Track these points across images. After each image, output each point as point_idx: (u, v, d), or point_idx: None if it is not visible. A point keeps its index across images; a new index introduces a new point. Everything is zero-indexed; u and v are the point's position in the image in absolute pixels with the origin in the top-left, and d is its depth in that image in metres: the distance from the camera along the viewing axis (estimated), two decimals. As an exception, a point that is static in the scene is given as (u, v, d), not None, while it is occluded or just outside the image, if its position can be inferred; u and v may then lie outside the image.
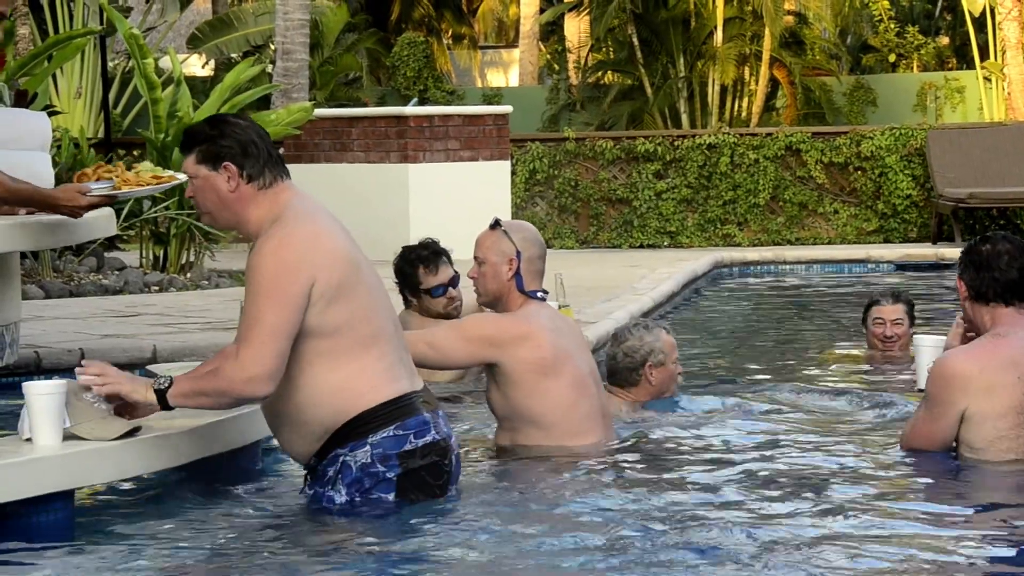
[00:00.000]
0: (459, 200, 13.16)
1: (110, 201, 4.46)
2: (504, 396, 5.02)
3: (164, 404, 4.13)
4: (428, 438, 4.20)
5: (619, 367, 5.77)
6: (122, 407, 4.22)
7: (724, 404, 6.04)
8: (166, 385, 4.12)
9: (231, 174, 4.18)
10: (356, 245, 4.27)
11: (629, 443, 5.29)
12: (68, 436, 4.16)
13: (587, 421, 5.06)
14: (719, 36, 20.23)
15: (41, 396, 4.11)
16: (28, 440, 4.14)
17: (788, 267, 13.81)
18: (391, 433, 4.15)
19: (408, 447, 4.16)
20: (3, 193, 4.45)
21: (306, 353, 4.11)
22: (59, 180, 6.63)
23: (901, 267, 13.52)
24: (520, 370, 4.95)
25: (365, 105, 19.83)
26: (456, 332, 5.03)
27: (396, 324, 4.29)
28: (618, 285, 10.77)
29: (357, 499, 4.16)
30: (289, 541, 4.06)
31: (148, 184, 4.43)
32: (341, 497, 4.18)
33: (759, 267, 13.79)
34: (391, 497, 4.16)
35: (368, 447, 4.14)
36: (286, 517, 4.29)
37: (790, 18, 21.23)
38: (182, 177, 4.41)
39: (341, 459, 4.16)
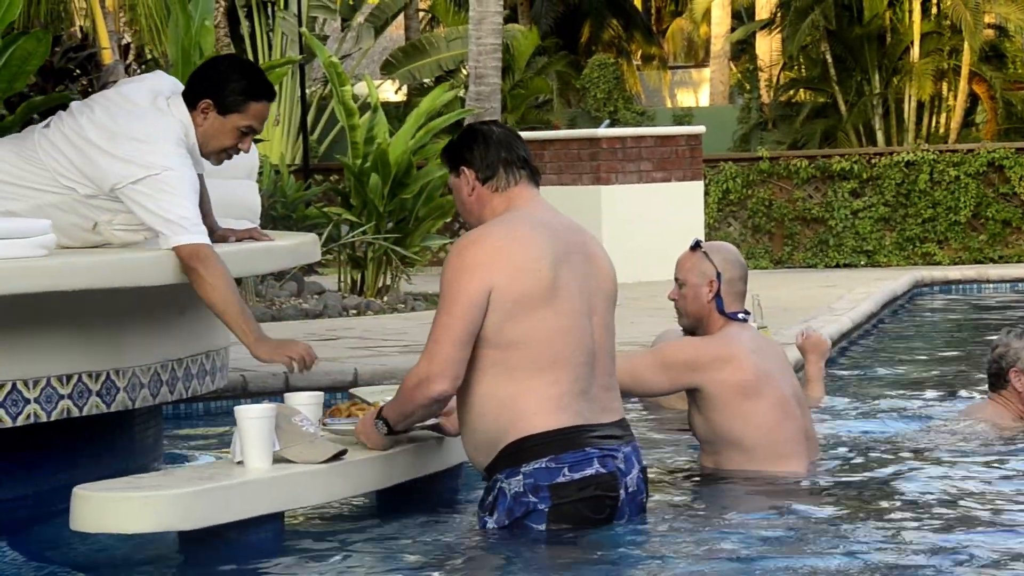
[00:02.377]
0: (652, 221, 13.11)
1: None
2: (706, 419, 4.97)
3: (394, 432, 4.33)
4: (587, 471, 4.09)
5: (989, 372, 5.82)
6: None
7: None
8: (384, 429, 4.30)
9: (468, 177, 4.26)
10: (571, 267, 4.15)
11: (836, 466, 5.18)
12: (278, 459, 4.23)
13: (791, 443, 4.97)
14: (916, 51, 19.84)
15: (252, 420, 4.19)
16: (239, 463, 4.22)
17: (991, 286, 13.45)
18: (543, 465, 4.09)
19: (561, 479, 4.09)
20: (220, 306, 4.42)
21: (481, 360, 4.11)
22: (263, 207, 6.77)
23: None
24: (721, 393, 4.89)
25: (556, 128, 19.92)
26: (655, 360, 4.98)
27: (591, 356, 4.16)
28: (815, 306, 10.60)
29: (508, 526, 4.14)
30: (443, 566, 4.08)
31: None
32: (492, 523, 4.17)
33: (961, 286, 13.46)
34: (542, 528, 4.11)
35: (521, 476, 4.10)
36: (461, 541, 4.30)
37: (990, 31, 20.72)
38: (417, 425, 4.47)
39: (498, 485, 4.15)
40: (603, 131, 13.68)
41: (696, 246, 5.04)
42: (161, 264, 4.62)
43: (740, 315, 5.00)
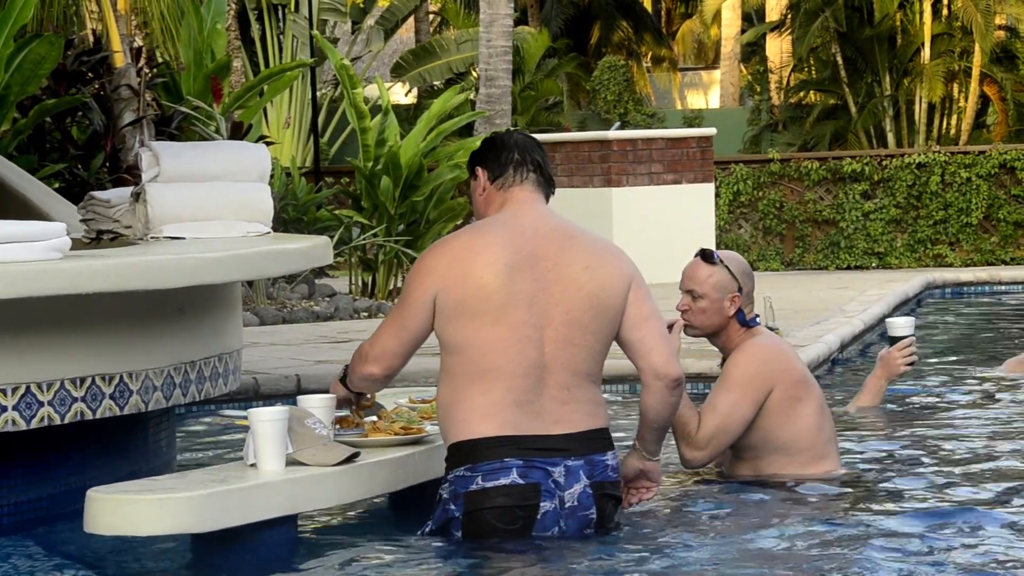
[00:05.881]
0: (663, 223, 13.12)
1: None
2: (752, 427, 4.81)
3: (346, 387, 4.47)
4: (501, 481, 4.07)
5: None
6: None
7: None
8: (342, 374, 4.47)
9: (481, 178, 4.29)
10: (530, 277, 4.08)
11: (853, 471, 5.18)
12: (291, 461, 4.23)
13: (829, 444, 4.93)
14: (926, 53, 19.82)
15: (265, 422, 4.19)
16: (253, 466, 4.22)
17: (1004, 288, 13.42)
18: (462, 472, 4.12)
19: (474, 488, 4.10)
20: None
21: (441, 365, 4.20)
22: (275, 211, 6.77)
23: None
24: (779, 396, 4.78)
25: (566, 130, 19.91)
26: (727, 390, 4.78)
27: (537, 368, 4.08)
28: (827, 308, 10.60)
29: (436, 532, 4.20)
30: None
31: (396, 434, 4.55)
32: (426, 528, 4.24)
33: (973, 288, 13.44)
34: (459, 535, 4.14)
35: (447, 483, 4.17)
36: (474, 543, 4.27)
37: (1001, 32, 20.69)
38: (430, 429, 4.52)
39: (439, 490, 4.23)
40: (614, 133, 13.69)
41: (711, 258, 4.89)
42: (175, 267, 4.63)
43: (757, 319, 4.97)
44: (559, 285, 4.11)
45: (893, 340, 6.13)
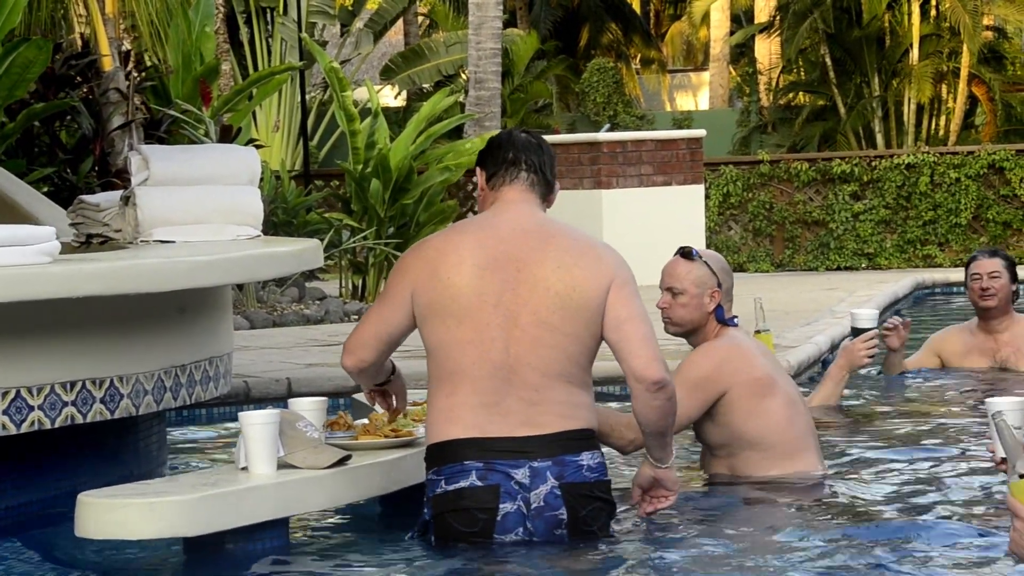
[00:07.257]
0: (653, 225, 13.12)
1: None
2: (720, 425, 4.88)
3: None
4: (461, 484, 4.04)
5: None
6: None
7: None
8: None
9: (480, 177, 4.27)
10: (498, 277, 4.05)
11: (839, 471, 5.19)
12: (282, 465, 4.23)
13: (803, 439, 4.94)
14: (915, 54, 19.87)
15: (256, 426, 4.19)
16: (244, 469, 4.22)
17: (993, 288, 13.44)
18: (431, 476, 4.13)
19: (439, 491, 4.09)
20: None
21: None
22: (264, 213, 6.77)
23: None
24: (741, 394, 4.82)
25: (555, 132, 19.92)
26: (677, 386, 4.64)
27: (503, 370, 4.03)
28: (817, 309, 10.61)
29: (420, 536, 4.20)
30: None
31: (386, 437, 4.53)
32: (412, 533, 4.25)
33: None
34: (433, 540, 4.14)
35: (425, 486, 4.18)
36: (465, 547, 4.27)
37: (989, 33, 20.75)
38: (420, 432, 4.49)
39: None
40: (603, 135, 13.70)
41: (690, 255, 4.92)
42: (168, 270, 4.63)
43: (736, 320, 4.98)
44: (527, 285, 4.06)
45: (857, 332, 6.16)
